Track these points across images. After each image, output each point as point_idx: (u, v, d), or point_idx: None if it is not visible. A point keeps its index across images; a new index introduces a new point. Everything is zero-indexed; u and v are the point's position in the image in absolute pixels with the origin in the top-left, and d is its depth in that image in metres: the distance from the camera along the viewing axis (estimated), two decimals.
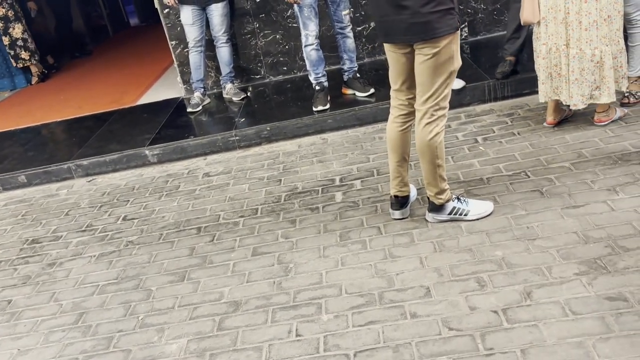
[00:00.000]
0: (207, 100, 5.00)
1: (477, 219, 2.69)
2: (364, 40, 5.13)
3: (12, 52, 7.10)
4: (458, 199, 2.73)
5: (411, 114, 2.66)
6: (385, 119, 4.08)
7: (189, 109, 4.84)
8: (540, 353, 1.88)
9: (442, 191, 2.67)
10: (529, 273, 2.26)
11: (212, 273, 2.74)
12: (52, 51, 8.24)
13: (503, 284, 2.24)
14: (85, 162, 4.29)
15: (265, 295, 2.48)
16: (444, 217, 2.72)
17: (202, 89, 4.94)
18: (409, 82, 2.60)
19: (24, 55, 7.12)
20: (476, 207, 2.72)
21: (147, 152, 4.27)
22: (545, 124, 3.49)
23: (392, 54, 2.58)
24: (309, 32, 4.07)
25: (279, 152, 4.02)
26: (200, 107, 4.86)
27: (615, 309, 1.99)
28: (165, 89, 5.84)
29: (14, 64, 7.20)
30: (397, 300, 2.28)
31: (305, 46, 4.14)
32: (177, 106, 5.12)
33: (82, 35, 9.44)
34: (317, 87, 4.29)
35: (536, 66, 3.35)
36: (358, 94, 4.36)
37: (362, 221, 2.92)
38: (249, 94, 5.01)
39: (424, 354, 1.98)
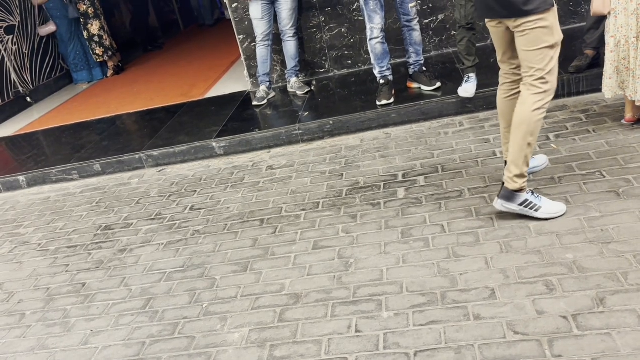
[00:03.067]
0: (273, 94, 5.06)
1: (547, 219, 2.59)
2: (431, 33, 5.03)
3: (90, 46, 7.46)
4: (532, 192, 2.65)
5: (516, 82, 2.71)
6: (451, 114, 4.04)
7: (255, 103, 4.92)
8: None
9: (521, 175, 2.58)
10: (603, 278, 2.15)
11: (273, 265, 2.78)
12: (127, 45, 8.61)
13: (574, 289, 2.14)
14: (155, 152, 4.45)
15: (326, 289, 2.49)
16: (514, 206, 2.62)
17: (268, 83, 5.00)
18: (510, 54, 2.67)
19: (98, 51, 7.47)
20: (549, 206, 2.62)
21: (214, 144, 4.37)
22: (623, 121, 3.30)
23: (491, 28, 2.67)
24: (375, 25, 4.03)
25: (342, 147, 4.02)
26: (265, 101, 4.93)
27: None
28: (232, 82, 5.96)
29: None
30: (460, 300, 2.23)
31: (371, 39, 4.10)
32: (243, 99, 5.21)
33: (154, 29, 9.79)
34: (382, 81, 4.24)
35: (604, 60, 3.18)
36: (424, 87, 4.29)
37: (425, 218, 2.87)
38: (312, 87, 5.03)
39: (487, 357, 1.93)
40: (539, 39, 2.44)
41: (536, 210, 2.60)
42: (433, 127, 3.98)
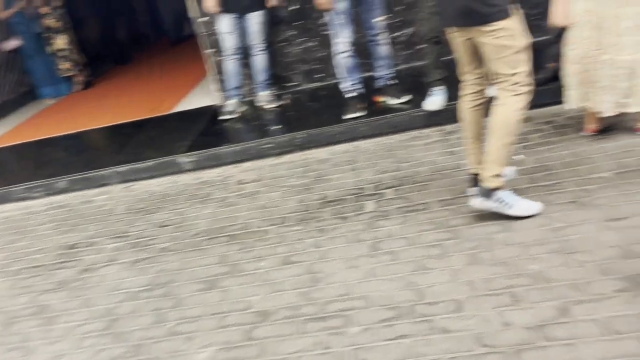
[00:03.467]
0: (243, 108, 5.03)
1: (521, 216, 2.65)
2: (400, 46, 5.07)
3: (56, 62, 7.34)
4: (509, 191, 2.70)
5: (480, 92, 2.76)
6: (420, 126, 4.06)
7: (224, 117, 4.89)
8: None
9: (498, 175, 2.64)
10: (567, 288, 2.17)
11: (241, 281, 2.74)
12: (95, 59, 8.49)
13: (539, 300, 2.15)
14: (122, 168, 4.37)
15: (294, 306, 2.46)
16: (490, 204, 2.69)
17: (238, 97, 4.98)
18: (474, 64, 2.71)
19: (63, 66, 7.37)
20: (523, 204, 2.68)
21: (182, 159, 4.32)
22: (585, 132, 3.37)
23: (454, 39, 2.71)
24: (343, 39, 4.04)
25: (312, 160, 4.01)
26: (235, 115, 4.90)
27: None
28: (202, 96, 5.92)
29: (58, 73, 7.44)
30: (428, 314, 2.23)
31: (339, 53, 4.12)
32: (213, 114, 5.17)
33: (124, 43, 9.69)
34: (350, 95, 4.26)
35: (565, 72, 3.24)
36: (392, 101, 4.31)
37: (393, 231, 2.87)
38: (283, 102, 5.02)
39: None
40: (503, 47, 2.50)
41: (510, 207, 2.67)
42: (402, 140, 4.00)
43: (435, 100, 4.02)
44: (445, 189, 3.16)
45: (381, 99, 4.41)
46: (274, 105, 4.93)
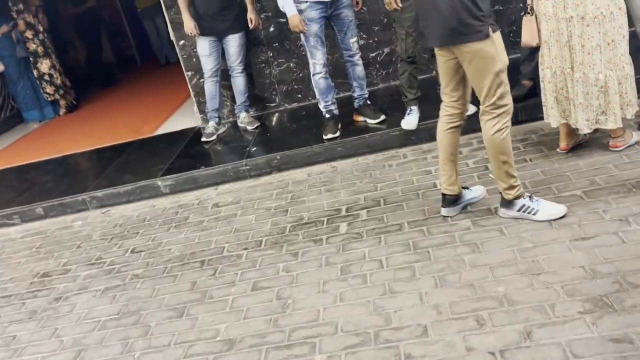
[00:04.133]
0: (222, 130, 5.04)
1: (547, 220, 2.67)
2: (377, 66, 5.10)
3: (40, 85, 7.34)
4: (530, 197, 2.74)
5: (455, 116, 2.81)
6: (396, 146, 4.07)
7: (204, 139, 4.88)
8: None
9: (511, 187, 2.71)
10: (531, 311, 2.16)
11: (210, 309, 2.71)
12: (82, 82, 8.50)
13: (503, 323, 2.13)
14: (99, 193, 4.35)
15: (261, 334, 2.43)
16: (512, 213, 2.75)
17: (217, 119, 4.98)
18: (452, 86, 2.77)
19: (49, 90, 7.36)
20: (547, 208, 2.72)
21: (159, 182, 4.30)
22: (558, 150, 3.37)
23: (438, 57, 2.76)
24: (317, 61, 4.06)
25: (289, 181, 4.00)
26: (214, 137, 4.90)
27: (619, 351, 1.87)
28: (184, 118, 5.91)
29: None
30: (393, 339, 2.20)
31: (314, 75, 4.13)
32: (193, 136, 5.17)
33: (110, 65, 9.71)
34: (327, 115, 4.27)
35: (541, 90, 3.26)
36: (369, 120, 4.32)
37: (365, 254, 2.85)
38: (257, 125, 5.02)
39: None
40: (483, 68, 2.55)
41: (534, 214, 2.71)
42: (378, 160, 4.00)
43: (410, 119, 4.03)
44: (419, 210, 3.15)
45: (359, 118, 4.42)
46: (254, 126, 4.93)
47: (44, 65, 7.24)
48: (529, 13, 3.09)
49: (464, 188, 2.99)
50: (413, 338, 2.18)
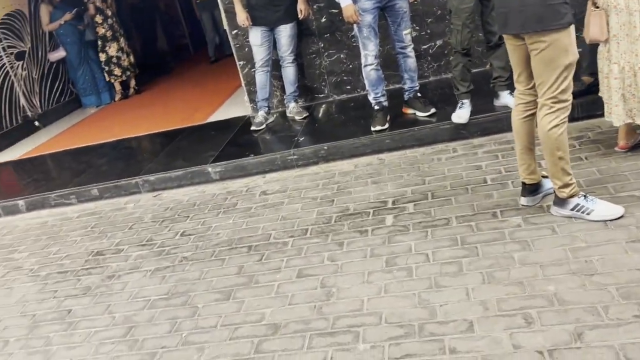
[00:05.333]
0: (271, 119, 5.09)
1: (601, 220, 2.61)
2: (429, 58, 5.03)
3: (107, 68, 7.65)
4: (585, 196, 2.68)
5: (530, 103, 2.74)
6: (445, 140, 4.01)
7: (253, 127, 4.95)
8: None
9: (565, 185, 2.66)
10: (583, 312, 2.10)
11: (256, 293, 2.76)
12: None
13: (552, 322, 2.09)
14: (152, 177, 4.48)
15: (305, 320, 2.46)
16: (565, 212, 2.70)
17: (267, 108, 5.03)
18: (526, 73, 2.68)
19: (117, 71, 7.66)
20: (603, 209, 2.64)
21: (209, 169, 4.39)
22: (616, 148, 3.25)
23: (509, 45, 2.72)
24: (369, 52, 4.04)
25: (335, 172, 4.01)
26: (263, 126, 4.96)
27: None
28: (234, 107, 6.00)
29: (107, 79, 7.73)
30: (438, 333, 2.19)
31: (365, 66, 4.12)
32: (242, 124, 5.25)
33: (164, 53, 9.94)
34: (376, 107, 4.25)
35: (602, 87, 3.14)
36: (419, 113, 4.28)
37: (411, 247, 2.84)
38: (306, 115, 5.04)
39: None
40: (553, 59, 2.49)
41: (588, 214, 2.64)
42: (427, 153, 3.95)
43: (462, 113, 3.96)
44: (468, 205, 3.11)
45: (409, 111, 4.38)
46: (302, 117, 4.96)
47: (112, 49, 7.55)
48: (596, 6, 2.98)
49: (543, 177, 2.91)
50: (458, 333, 2.16)
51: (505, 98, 3.98)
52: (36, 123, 7.20)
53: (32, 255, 3.82)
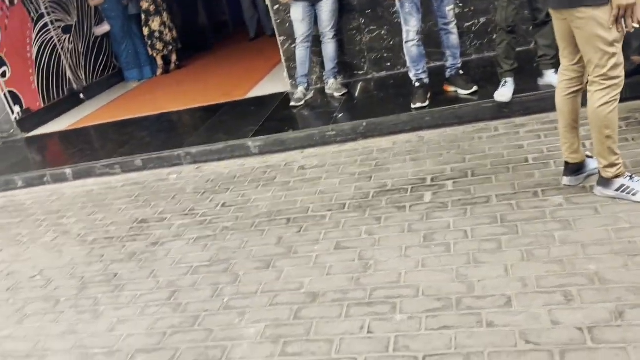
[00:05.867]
0: (310, 95, 5.11)
1: None
2: (472, 36, 4.95)
3: (149, 42, 7.78)
4: (631, 177, 2.65)
5: (574, 80, 2.70)
6: (487, 118, 3.97)
7: (292, 103, 4.98)
8: None
9: (611, 165, 2.62)
10: (624, 291, 2.09)
11: (295, 263, 2.82)
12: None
13: (593, 301, 2.08)
14: (193, 150, 4.57)
15: (343, 290, 2.51)
16: (610, 192, 2.67)
17: (306, 84, 5.06)
18: (570, 48, 2.65)
19: (159, 45, 7.80)
20: None
21: (249, 143, 4.46)
22: None
23: (554, 19, 2.68)
24: (410, 28, 4.01)
25: (374, 149, 4.02)
26: (302, 102, 4.98)
27: None
28: (274, 83, 6.04)
29: (150, 53, 7.87)
30: (475, 307, 2.21)
31: (406, 42, 4.09)
32: (282, 100, 5.28)
33: (204, 30, 10.02)
34: (417, 84, 4.22)
35: None
36: (460, 91, 4.24)
37: (449, 223, 2.85)
38: (345, 92, 5.04)
39: None
40: (593, 36, 2.44)
41: (634, 195, 2.61)
42: (467, 132, 3.92)
43: (504, 91, 3.91)
44: (509, 183, 3.09)
45: (450, 88, 4.34)
46: (341, 93, 4.96)
47: (155, 23, 7.67)
48: None
49: (587, 157, 2.87)
50: (496, 307, 2.18)
51: (550, 77, 3.90)
52: (81, 96, 7.39)
53: (79, 222, 3.98)
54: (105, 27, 7.78)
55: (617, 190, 2.64)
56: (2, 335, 2.80)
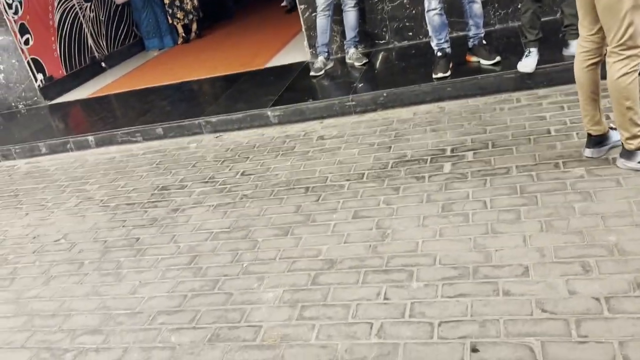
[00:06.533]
0: (330, 65, 5.08)
1: None
2: (496, 5, 4.85)
3: (170, 11, 7.79)
4: None
5: (593, 51, 2.66)
6: (509, 89, 3.92)
7: (312, 73, 4.96)
8: None
9: (633, 136, 2.60)
10: None
11: (313, 231, 2.85)
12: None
13: (611, 271, 2.08)
14: (213, 119, 4.60)
15: (360, 257, 2.54)
16: (632, 164, 2.64)
17: (326, 53, 5.02)
18: (590, 17, 2.59)
19: (179, 14, 7.81)
20: None
21: (269, 113, 4.46)
22: None
23: None
24: None
25: (394, 119, 4.00)
26: (322, 72, 4.96)
27: None
28: (293, 52, 6.01)
29: (170, 21, 7.87)
30: (492, 276, 2.22)
31: (428, 11, 4.02)
32: (302, 70, 5.26)
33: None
34: (439, 54, 4.17)
35: None
36: (483, 61, 4.17)
37: (468, 194, 2.84)
38: (365, 62, 4.99)
39: (511, 332, 1.92)
40: (613, 4, 2.39)
41: None
42: (489, 103, 3.88)
43: (528, 62, 3.84)
44: (529, 155, 3.06)
45: (473, 59, 4.28)
46: (362, 63, 4.92)
47: None
48: None
49: (611, 129, 2.83)
50: (513, 277, 2.18)
51: (575, 47, 3.81)
52: (103, 64, 7.44)
53: (102, 188, 4.05)
54: None
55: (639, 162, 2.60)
56: (29, 295, 2.89)
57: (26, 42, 6.39)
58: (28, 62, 6.40)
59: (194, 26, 8.07)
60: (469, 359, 1.86)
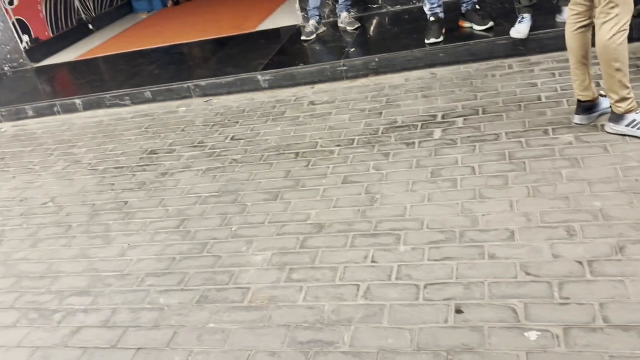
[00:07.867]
0: (322, 29, 5.00)
1: None
2: None
3: None
4: None
5: (582, 14, 2.64)
6: (501, 56, 3.89)
7: (303, 37, 4.89)
8: (621, 309, 1.77)
9: (622, 99, 2.59)
10: (627, 227, 2.10)
11: (302, 195, 2.85)
12: None
13: (595, 236, 2.10)
14: (203, 83, 4.54)
15: (348, 221, 2.55)
16: (620, 127, 2.65)
17: (318, 17, 4.94)
18: None
19: None
20: None
21: (259, 77, 4.41)
22: None
23: None
24: None
25: (385, 85, 3.97)
26: (314, 36, 4.89)
27: None
28: (285, 16, 5.91)
29: None
30: (478, 240, 2.24)
31: None
32: (293, 34, 5.19)
33: None
34: (432, 18, 4.11)
35: None
36: (475, 27, 4.13)
37: (457, 159, 2.85)
38: (357, 26, 4.92)
39: (495, 294, 1.95)
40: None
41: None
42: (481, 69, 3.85)
43: (521, 28, 3.81)
44: (519, 121, 3.06)
45: (465, 24, 4.23)
46: (354, 27, 4.85)
47: None
48: None
49: (601, 95, 2.82)
50: (499, 240, 2.21)
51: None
52: (90, 26, 7.29)
53: (89, 151, 4.02)
54: None
55: (627, 125, 2.61)
56: (17, 257, 2.89)
57: (10, 3, 6.23)
58: (13, 23, 6.26)
59: None
60: (453, 320, 1.89)
